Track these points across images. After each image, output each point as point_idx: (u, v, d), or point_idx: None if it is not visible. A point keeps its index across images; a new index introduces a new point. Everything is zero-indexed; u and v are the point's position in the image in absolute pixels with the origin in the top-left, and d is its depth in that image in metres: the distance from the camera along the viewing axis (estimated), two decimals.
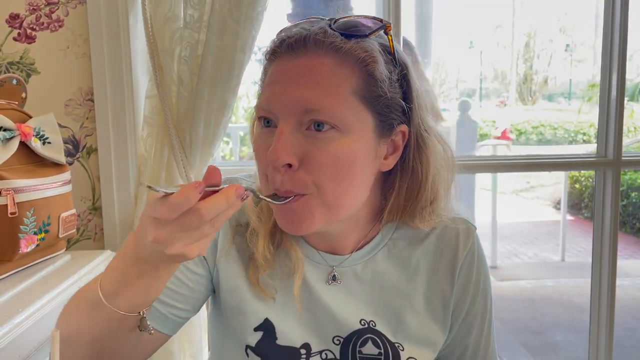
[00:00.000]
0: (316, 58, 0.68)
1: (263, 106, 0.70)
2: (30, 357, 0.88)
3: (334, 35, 0.69)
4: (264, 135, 0.71)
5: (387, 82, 0.71)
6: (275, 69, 0.71)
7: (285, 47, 0.70)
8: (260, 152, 0.71)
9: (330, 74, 0.68)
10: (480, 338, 0.86)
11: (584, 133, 10.29)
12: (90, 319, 0.66)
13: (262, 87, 0.75)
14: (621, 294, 4.18)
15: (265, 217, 0.80)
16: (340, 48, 0.68)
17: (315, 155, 0.68)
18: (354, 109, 0.69)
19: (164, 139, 1.34)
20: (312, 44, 0.68)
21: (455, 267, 0.82)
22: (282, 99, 0.68)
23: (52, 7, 1.35)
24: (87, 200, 1.41)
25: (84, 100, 1.38)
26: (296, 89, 0.67)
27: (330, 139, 0.68)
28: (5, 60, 1.35)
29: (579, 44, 17.02)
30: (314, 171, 0.68)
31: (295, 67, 0.69)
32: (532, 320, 3.82)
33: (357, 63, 0.69)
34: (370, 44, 0.71)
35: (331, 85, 0.67)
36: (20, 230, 0.99)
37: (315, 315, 0.80)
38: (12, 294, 0.95)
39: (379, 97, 0.70)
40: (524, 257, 5.42)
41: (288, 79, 0.69)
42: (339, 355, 0.79)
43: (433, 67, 13.16)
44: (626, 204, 6.22)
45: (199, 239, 0.57)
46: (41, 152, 1.07)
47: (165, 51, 1.29)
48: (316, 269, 0.82)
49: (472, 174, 2.80)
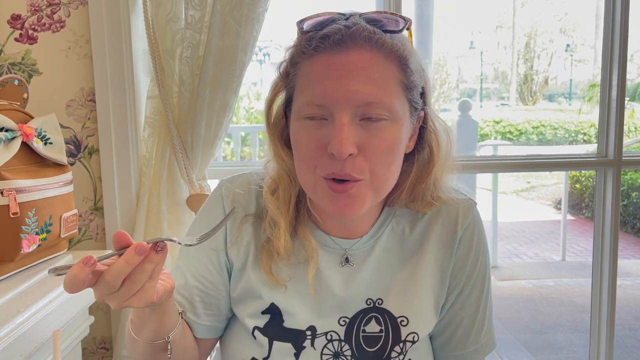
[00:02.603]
0: (365, 53, 0.72)
1: (318, 101, 0.72)
2: (32, 357, 0.89)
3: (377, 32, 0.73)
4: (312, 128, 0.73)
5: (418, 71, 0.77)
6: (322, 64, 0.73)
7: (331, 43, 0.72)
8: (309, 144, 0.74)
9: (381, 68, 0.72)
10: (475, 315, 0.87)
11: (585, 133, 10.29)
12: (135, 346, 0.78)
13: (300, 82, 0.76)
14: (622, 293, 4.19)
15: (284, 208, 0.82)
16: (385, 43, 0.73)
17: (372, 143, 0.72)
18: (399, 98, 0.74)
19: (166, 139, 1.34)
20: (360, 40, 0.72)
21: (454, 242, 0.86)
22: (340, 93, 0.70)
23: (53, 7, 1.35)
24: (89, 200, 1.41)
25: (85, 100, 1.38)
26: (353, 83, 0.70)
27: (384, 127, 0.72)
28: (7, 61, 1.36)
29: (580, 44, 17.01)
30: (371, 158, 0.73)
31: (347, 62, 0.71)
32: (533, 320, 3.82)
33: (398, 56, 0.74)
34: (403, 38, 0.76)
35: (383, 78, 0.72)
36: (22, 231, 1.00)
37: (324, 300, 0.83)
38: (14, 294, 0.95)
39: (414, 85, 0.76)
40: (524, 257, 5.42)
41: (342, 73, 0.71)
42: (343, 336, 0.82)
43: (434, 67, 13.15)
44: (627, 204, 6.21)
45: (130, 294, 0.62)
46: (43, 153, 1.07)
47: (167, 52, 1.30)
48: (329, 254, 0.84)
49: (473, 174, 2.80)
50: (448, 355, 0.89)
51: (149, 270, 0.62)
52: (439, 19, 12.55)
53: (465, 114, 4.58)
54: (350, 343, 0.82)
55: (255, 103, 9.29)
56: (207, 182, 1.40)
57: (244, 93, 9.28)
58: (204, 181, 1.39)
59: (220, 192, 0.87)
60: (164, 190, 1.36)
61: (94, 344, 1.47)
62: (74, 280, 0.57)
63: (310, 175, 0.75)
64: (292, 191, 0.83)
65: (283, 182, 0.83)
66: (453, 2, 16.76)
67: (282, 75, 0.80)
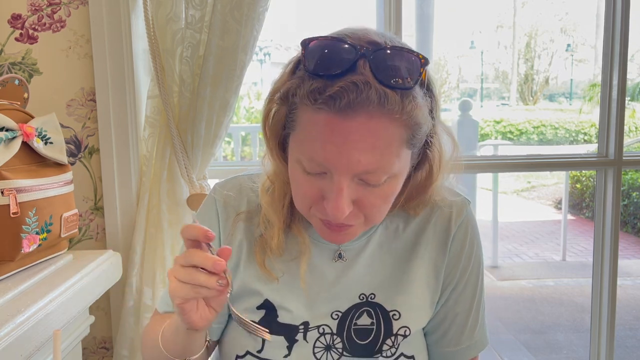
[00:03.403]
0: (371, 120, 0.66)
1: (318, 162, 0.69)
2: (33, 357, 0.89)
3: (387, 98, 0.66)
4: (310, 178, 0.72)
5: (426, 121, 0.72)
6: (326, 125, 0.67)
7: (337, 107, 0.66)
8: (306, 191, 0.74)
9: (385, 134, 0.68)
10: (469, 311, 0.88)
11: (585, 133, 10.29)
12: (153, 352, 0.83)
13: (301, 129, 0.71)
14: (622, 293, 4.19)
15: (278, 206, 0.83)
16: (395, 112, 0.67)
17: (369, 200, 0.72)
18: (402, 155, 0.71)
19: (166, 139, 1.34)
20: (369, 108, 0.66)
21: (448, 238, 0.86)
22: (341, 162, 0.68)
23: (54, 7, 1.35)
24: (89, 200, 1.42)
25: (86, 100, 1.38)
26: (355, 153, 0.67)
27: (383, 185, 0.72)
28: (8, 61, 1.36)
29: (580, 44, 17.00)
30: (367, 210, 0.73)
31: (352, 129, 0.66)
32: (533, 320, 3.82)
33: (406, 116, 0.68)
34: (416, 91, 0.70)
35: (385, 144, 0.68)
36: (23, 230, 0.99)
37: (317, 294, 0.84)
38: (14, 294, 0.95)
39: (420, 138, 0.73)
40: (525, 257, 5.42)
41: (346, 141, 0.67)
42: (335, 329, 0.84)
43: (434, 67, 13.11)
44: (627, 204, 6.21)
45: (194, 293, 0.68)
46: (43, 153, 1.07)
47: (167, 51, 1.30)
48: (322, 249, 0.85)
49: (473, 174, 2.80)
50: (443, 352, 0.90)
51: (205, 284, 0.66)
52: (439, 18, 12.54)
53: (466, 114, 4.58)
54: (342, 336, 0.83)
55: (255, 103, 9.30)
56: (207, 181, 1.40)
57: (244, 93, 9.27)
58: (204, 181, 1.39)
59: (213, 196, 0.89)
60: (164, 190, 1.36)
61: (94, 343, 1.47)
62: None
63: (305, 208, 0.76)
64: (287, 190, 0.83)
65: (278, 182, 0.83)
66: (453, 2, 16.76)
67: (282, 97, 0.74)
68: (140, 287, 1.36)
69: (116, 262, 1.24)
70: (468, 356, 0.90)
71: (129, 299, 1.35)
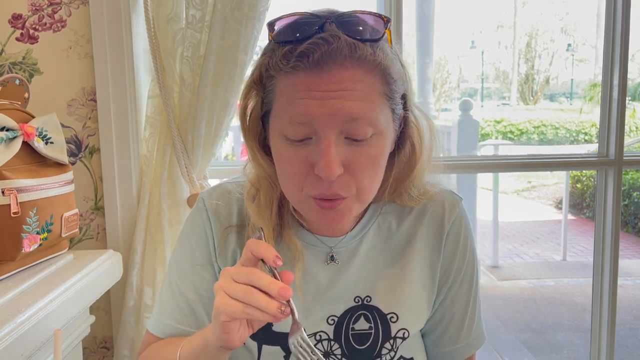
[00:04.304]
0: (346, 71, 0.68)
1: (301, 119, 0.69)
2: (33, 356, 0.89)
3: (358, 47, 0.69)
4: (295, 148, 0.71)
5: (400, 77, 0.75)
6: (302, 84, 0.69)
7: (310, 63, 0.68)
8: (294, 165, 0.72)
9: (362, 83, 0.69)
10: (466, 309, 0.88)
11: (586, 133, 10.29)
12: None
13: (280, 98, 0.72)
14: (623, 293, 4.19)
15: (266, 214, 0.81)
16: (366, 58, 0.70)
17: (358, 161, 0.71)
18: (383, 109, 0.72)
19: (166, 139, 1.34)
20: (341, 58, 0.68)
21: (442, 236, 0.86)
22: (323, 110, 0.68)
23: (54, 7, 1.35)
24: (90, 200, 1.42)
25: (86, 100, 1.38)
26: (337, 102, 0.68)
27: (369, 144, 0.71)
28: (8, 61, 1.36)
29: (581, 44, 17.00)
30: (357, 175, 0.72)
31: (329, 82, 0.68)
32: (534, 320, 3.82)
33: (379, 67, 0.71)
34: (383, 45, 0.73)
35: (366, 93, 0.70)
36: (23, 230, 1.00)
37: (312, 300, 0.82)
38: (14, 294, 0.95)
39: (396, 92, 0.74)
40: (525, 257, 5.42)
41: (325, 94, 0.68)
42: (332, 335, 0.82)
43: (435, 67, 13.14)
44: (628, 204, 6.21)
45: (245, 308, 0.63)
46: (44, 152, 1.07)
47: (168, 51, 1.30)
48: (314, 253, 0.84)
49: (474, 173, 2.80)
50: (441, 352, 0.89)
51: (260, 305, 0.62)
52: (440, 18, 12.52)
53: (466, 114, 4.58)
54: (339, 342, 0.82)
55: None
56: (207, 181, 1.40)
57: None
58: (204, 180, 1.39)
59: (202, 204, 0.87)
60: (165, 190, 1.36)
61: (94, 343, 1.47)
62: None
63: (297, 192, 0.74)
64: (274, 195, 0.81)
65: (263, 187, 0.81)
66: (454, 2, 16.76)
67: (256, 83, 0.76)
68: (140, 287, 1.36)
69: (117, 262, 1.24)
70: (466, 354, 0.89)
71: (130, 298, 1.35)
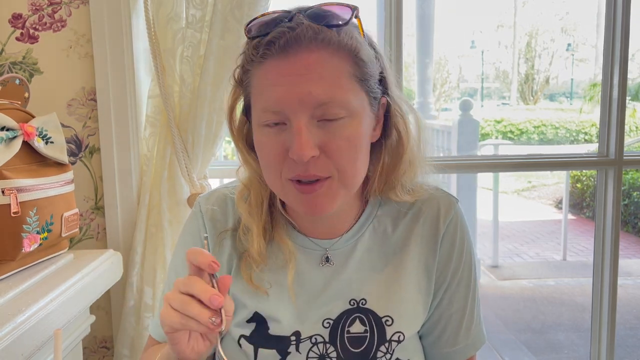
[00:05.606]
0: (312, 54, 0.71)
1: (273, 107, 0.72)
2: (33, 356, 0.89)
3: (322, 30, 0.71)
4: (272, 135, 0.74)
5: (371, 61, 0.76)
6: (271, 70, 0.72)
7: (277, 49, 0.71)
8: (270, 150, 0.74)
9: (329, 66, 0.71)
10: (464, 310, 0.87)
11: (586, 132, 10.29)
12: None
13: (254, 89, 0.76)
14: (623, 293, 4.19)
15: (256, 213, 0.82)
16: (331, 40, 0.72)
17: (333, 142, 0.72)
18: (355, 92, 0.73)
19: (167, 139, 1.34)
20: (306, 41, 0.71)
21: (437, 237, 0.85)
22: (292, 97, 0.70)
23: (54, 7, 1.35)
24: (90, 199, 1.42)
25: (86, 100, 1.38)
26: (305, 86, 0.70)
27: (343, 125, 0.72)
28: (8, 60, 1.36)
29: (581, 44, 17.00)
30: (334, 157, 0.73)
31: (296, 66, 0.71)
32: (534, 320, 3.82)
33: (347, 50, 0.73)
34: (351, 30, 0.75)
35: (334, 76, 0.71)
36: (23, 230, 1.00)
37: (307, 302, 0.83)
38: (14, 293, 0.95)
39: (369, 76, 0.75)
40: (525, 257, 5.42)
41: (292, 78, 0.71)
42: (328, 338, 0.82)
43: (435, 66, 13.15)
44: (628, 204, 6.21)
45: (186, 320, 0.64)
46: (44, 152, 1.07)
47: (168, 51, 1.30)
48: (309, 255, 0.84)
49: (474, 173, 2.80)
50: (440, 353, 0.89)
51: (200, 315, 0.63)
52: (440, 18, 12.52)
53: (466, 114, 4.58)
54: (335, 345, 0.82)
55: None
56: (208, 181, 1.40)
57: None
58: (204, 180, 1.39)
59: (199, 209, 0.88)
60: (165, 190, 1.36)
61: (94, 343, 1.47)
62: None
63: (277, 179, 0.76)
64: (264, 194, 0.83)
65: (254, 186, 0.83)
66: (454, 2, 16.76)
67: (236, 82, 0.80)
68: (140, 287, 1.36)
69: (117, 262, 1.24)
70: (466, 355, 0.89)
71: (130, 298, 1.35)
